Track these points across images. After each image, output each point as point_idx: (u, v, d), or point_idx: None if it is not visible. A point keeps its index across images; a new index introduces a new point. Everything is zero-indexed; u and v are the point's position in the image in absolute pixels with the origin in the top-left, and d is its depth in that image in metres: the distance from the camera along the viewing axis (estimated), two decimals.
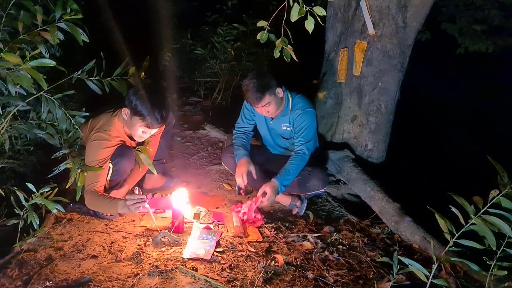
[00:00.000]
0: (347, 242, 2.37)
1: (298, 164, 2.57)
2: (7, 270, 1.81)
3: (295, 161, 2.57)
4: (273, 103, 2.53)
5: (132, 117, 2.15)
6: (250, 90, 2.45)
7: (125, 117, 2.19)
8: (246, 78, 2.51)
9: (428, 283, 1.46)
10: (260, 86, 2.45)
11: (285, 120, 2.71)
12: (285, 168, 2.54)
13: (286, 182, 2.51)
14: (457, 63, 5.86)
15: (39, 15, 1.73)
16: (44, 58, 1.73)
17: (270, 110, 2.56)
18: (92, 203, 2.18)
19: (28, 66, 1.65)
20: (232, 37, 4.33)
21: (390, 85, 3.15)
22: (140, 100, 2.09)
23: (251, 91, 2.45)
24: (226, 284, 1.83)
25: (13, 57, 1.60)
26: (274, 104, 2.54)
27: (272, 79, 2.51)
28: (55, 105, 1.97)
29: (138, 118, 2.12)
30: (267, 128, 2.84)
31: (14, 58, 1.60)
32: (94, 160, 2.13)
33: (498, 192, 1.38)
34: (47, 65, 1.71)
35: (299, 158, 2.59)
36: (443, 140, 4.75)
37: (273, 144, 2.93)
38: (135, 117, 2.13)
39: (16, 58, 1.61)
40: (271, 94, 2.50)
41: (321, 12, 1.69)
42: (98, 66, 2.10)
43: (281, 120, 2.72)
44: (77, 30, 1.82)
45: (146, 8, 4.39)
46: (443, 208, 1.48)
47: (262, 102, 2.48)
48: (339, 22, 3.34)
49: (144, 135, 2.23)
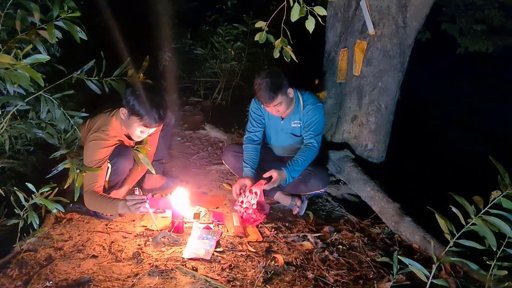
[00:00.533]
0: (347, 242, 2.37)
1: (307, 157, 2.60)
2: (7, 270, 1.81)
3: (304, 153, 2.60)
4: (284, 103, 2.53)
5: (130, 117, 2.14)
6: (263, 89, 2.43)
7: (123, 117, 2.18)
8: (258, 76, 2.49)
9: (428, 283, 1.46)
10: (273, 85, 2.43)
11: (295, 118, 2.72)
12: (294, 159, 2.56)
13: (294, 174, 2.54)
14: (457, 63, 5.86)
15: (36, 13, 1.72)
16: (38, 54, 1.71)
17: (280, 110, 2.56)
18: (91, 203, 2.18)
19: (23, 64, 1.64)
20: (232, 37, 4.33)
21: (390, 85, 3.15)
22: (137, 100, 2.08)
23: (263, 90, 2.43)
24: (226, 284, 1.83)
25: (6, 57, 1.58)
26: (284, 104, 2.54)
27: (285, 79, 2.50)
28: (54, 105, 1.96)
29: (136, 117, 2.11)
30: (276, 129, 2.82)
31: (7, 59, 1.58)
32: (92, 160, 2.12)
33: (499, 192, 1.38)
34: (41, 60, 1.68)
35: (308, 151, 2.61)
36: (443, 140, 4.75)
37: (277, 145, 2.91)
38: (133, 116, 2.12)
39: (9, 58, 1.59)
40: (283, 94, 2.49)
41: (322, 11, 1.68)
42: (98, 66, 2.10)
43: (292, 118, 2.73)
44: (74, 28, 1.81)
45: (146, 8, 4.40)
46: (443, 208, 1.48)
47: (274, 102, 2.48)
48: (339, 22, 3.34)
49: (142, 135, 2.23)
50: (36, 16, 1.72)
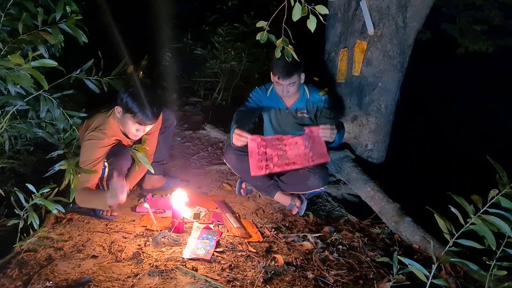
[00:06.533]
0: (347, 242, 2.37)
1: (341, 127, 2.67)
2: (7, 270, 1.81)
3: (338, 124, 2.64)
4: (296, 85, 2.59)
5: (124, 115, 2.14)
6: (283, 63, 2.41)
7: (118, 115, 2.18)
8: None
9: (428, 283, 1.46)
10: (293, 63, 2.41)
11: (301, 106, 2.74)
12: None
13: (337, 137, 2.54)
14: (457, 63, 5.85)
15: (40, 16, 1.74)
16: (46, 59, 1.74)
17: (290, 91, 2.59)
18: (81, 200, 2.15)
19: (29, 66, 1.66)
20: (232, 37, 4.33)
21: (390, 85, 3.15)
22: (130, 97, 2.08)
23: (284, 64, 2.43)
24: (226, 284, 1.83)
25: (16, 58, 1.61)
26: (296, 86, 2.59)
27: (302, 64, 2.54)
28: (54, 104, 1.98)
29: (130, 115, 2.11)
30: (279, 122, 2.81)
31: (17, 59, 1.61)
32: (88, 160, 2.12)
33: (498, 191, 1.38)
34: (48, 65, 1.72)
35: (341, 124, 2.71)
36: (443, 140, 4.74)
37: None
38: (127, 114, 2.12)
39: (19, 59, 1.62)
40: (299, 75, 2.57)
41: (324, 10, 1.68)
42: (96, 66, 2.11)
43: (298, 106, 2.75)
44: (78, 31, 1.83)
45: (146, 8, 4.40)
46: (443, 208, 1.48)
47: (292, 79, 2.52)
48: (339, 22, 3.34)
49: (138, 133, 2.22)
50: (39, 19, 1.74)
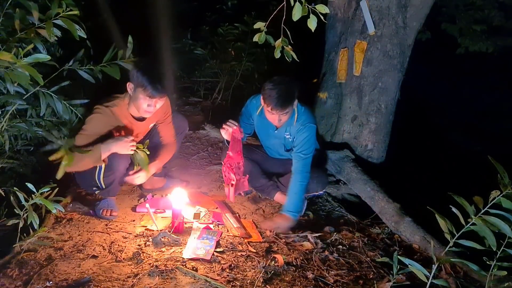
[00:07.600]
0: (347, 242, 2.37)
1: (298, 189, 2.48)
2: (7, 270, 1.81)
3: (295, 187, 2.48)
4: (289, 114, 2.42)
5: (136, 90, 2.21)
6: (276, 96, 2.29)
7: (130, 92, 2.26)
8: (271, 81, 2.35)
9: (428, 283, 1.46)
10: (287, 95, 2.32)
11: (288, 130, 2.59)
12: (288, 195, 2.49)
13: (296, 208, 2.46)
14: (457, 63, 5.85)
15: (35, 12, 1.73)
16: (39, 54, 1.72)
17: (283, 119, 2.42)
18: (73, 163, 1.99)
19: (23, 63, 1.64)
20: (232, 37, 4.33)
21: (390, 85, 3.15)
22: (141, 72, 2.17)
23: (276, 97, 2.29)
24: (226, 284, 1.83)
25: (6, 55, 1.59)
26: (289, 115, 2.43)
27: (296, 91, 2.39)
28: (54, 99, 1.98)
29: (141, 89, 2.18)
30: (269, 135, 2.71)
31: (7, 56, 1.59)
32: (86, 130, 2.17)
33: (499, 192, 1.38)
34: (42, 60, 1.69)
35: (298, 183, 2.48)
36: (443, 140, 4.75)
37: (273, 152, 2.84)
38: (138, 88, 2.19)
39: (9, 55, 1.60)
40: (292, 105, 2.40)
41: (324, 10, 1.68)
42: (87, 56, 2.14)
43: (285, 130, 2.59)
44: (73, 25, 1.82)
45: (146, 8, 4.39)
46: (443, 208, 1.48)
47: (285, 110, 2.34)
48: (339, 22, 3.34)
49: (149, 109, 2.26)
50: (35, 15, 1.73)
